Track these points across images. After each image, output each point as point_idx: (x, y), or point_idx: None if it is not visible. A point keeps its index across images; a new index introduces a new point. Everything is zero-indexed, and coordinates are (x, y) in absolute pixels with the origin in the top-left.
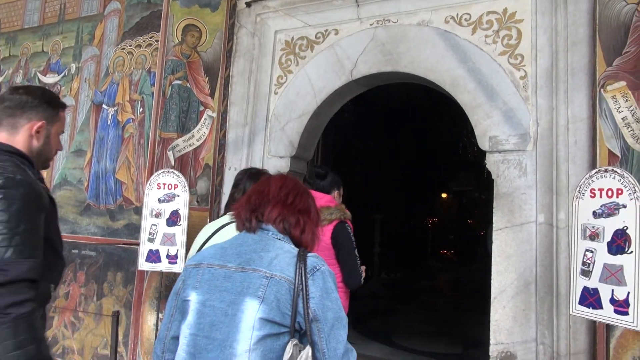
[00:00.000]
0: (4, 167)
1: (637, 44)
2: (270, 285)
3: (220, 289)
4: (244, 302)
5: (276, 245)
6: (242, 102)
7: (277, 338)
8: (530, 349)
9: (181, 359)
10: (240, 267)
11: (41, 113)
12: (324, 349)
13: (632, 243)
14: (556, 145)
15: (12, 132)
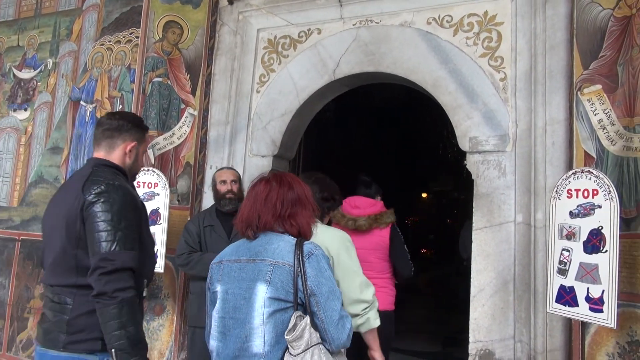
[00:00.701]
0: (105, 176)
1: (612, 48)
2: (274, 271)
3: (237, 278)
4: (256, 287)
5: (278, 238)
6: (223, 101)
7: (284, 312)
8: (508, 347)
9: (215, 338)
10: (251, 260)
11: (133, 135)
12: (322, 316)
13: (607, 242)
14: (534, 146)
15: (110, 151)
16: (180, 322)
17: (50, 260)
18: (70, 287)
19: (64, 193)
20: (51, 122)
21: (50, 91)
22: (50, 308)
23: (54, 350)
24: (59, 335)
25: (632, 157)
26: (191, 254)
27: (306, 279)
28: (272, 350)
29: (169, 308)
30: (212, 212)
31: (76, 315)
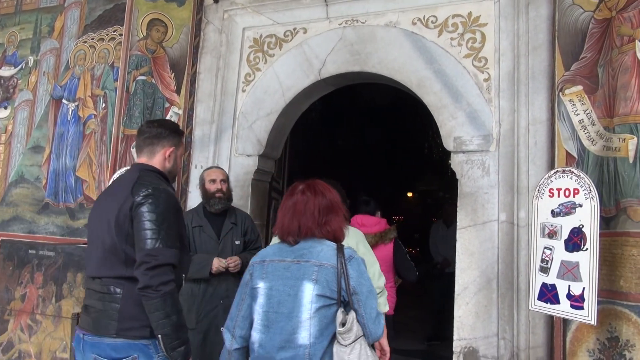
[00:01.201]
0: (150, 180)
1: (593, 50)
2: (320, 271)
3: (281, 277)
4: (302, 285)
5: (319, 242)
6: (209, 100)
7: (328, 308)
8: (491, 344)
9: (258, 331)
10: (295, 260)
11: (171, 141)
12: (362, 313)
13: (587, 241)
14: (517, 146)
15: (151, 156)
16: None
17: (99, 255)
18: (120, 278)
19: (112, 195)
20: (32, 120)
21: (31, 89)
22: (99, 298)
23: (107, 337)
24: (110, 323)
25: (611, 157)
26: None
27: (349, 280)
28: (316, 342)
29: None
30: (200, 212)
31: (126, 304)
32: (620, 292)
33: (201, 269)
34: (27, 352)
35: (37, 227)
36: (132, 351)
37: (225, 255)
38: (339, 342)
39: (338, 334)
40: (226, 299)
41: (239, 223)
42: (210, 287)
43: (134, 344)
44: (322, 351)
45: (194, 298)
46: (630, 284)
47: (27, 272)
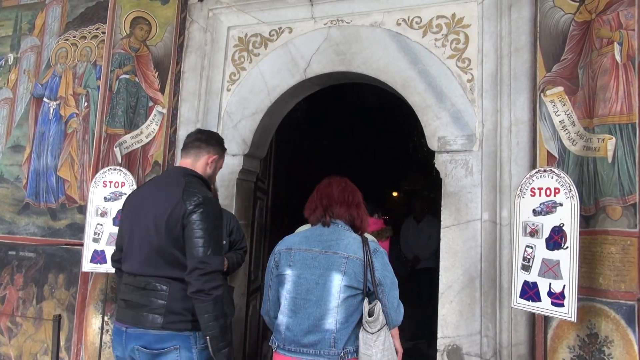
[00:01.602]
0: (199, 189)
1: (573, 51)
2: (348, 263)
3: (310, 266)
4: (331, 275)
5: (346, 234)
6: (193, 99)
7: (354, 297)
8: (475, 342)
9: (285, 315)
10: (323, 251)
11: (216, 149)
12: (386, 302)
13: (568, 239)
14: (500, 146)
15: (195, 160)
16: None
17: (143, 255)
18: (166, 277)
19: (159, 197)
20: (12, 119)
21: (11, 87)
22: (143, 294)
23: (153, 330)
24: (157, 317)
25: (591, 157)
26: None
27: (374, 272)
28: (341, 328)
29: None
30: None
31: (172, 300)
32: (600, 289)
33: None
34: (7, 355)
35: (17, 227)
36: (175, 341)
37: None
38: (366, 329)
39: (365, 323)
40: None
41: (224, 223)
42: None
43: (177, 335)
44: (347, 336)
45: None
46: (609, 281)
47: (7, 274)
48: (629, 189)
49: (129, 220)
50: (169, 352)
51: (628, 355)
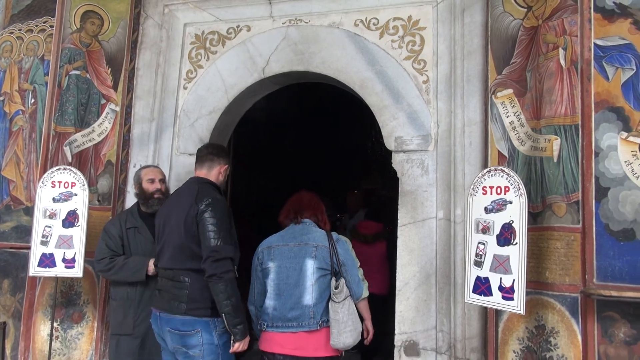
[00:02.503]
0: (209, 192)
1: (522, 55)
2: (317, 250)
3: (287, 256)
4: (305, 261)
5: (313, 229)
6: (148, 96)
7: (325, 277)
8: (430, 337)
9: (271, 298)
10: (297, 244)
11: (225, 160)
12: (348, 279)
13: (517, 235)
14: (454, 146)
15: (209, 170)
16: (102, 329)
17: (170, 252)
18: (187, 270)
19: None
20: None
21: None
22: (172, 286)
23: (178, 315)
24: (180, 305)
25: (538, 157)
26: (114, 259)
27: (338, 255)
28: (317, 302)
29: (89, 315)
30: (135, 213)
31: (193, 290)
32: (546, 283)
33: (136, 271)
34: None
35: None
36: (197, 325)
37: None
38: (333, 300)
39: (332, 294)
40: None
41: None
42: (148, 290)
43: (198, 320)
44: (322, 309)
45: (130, 302)
46: (555, 275)
47: None
48: (573, 187)
49: (158, 225)
50: (192, 334)
51: (572, 344)
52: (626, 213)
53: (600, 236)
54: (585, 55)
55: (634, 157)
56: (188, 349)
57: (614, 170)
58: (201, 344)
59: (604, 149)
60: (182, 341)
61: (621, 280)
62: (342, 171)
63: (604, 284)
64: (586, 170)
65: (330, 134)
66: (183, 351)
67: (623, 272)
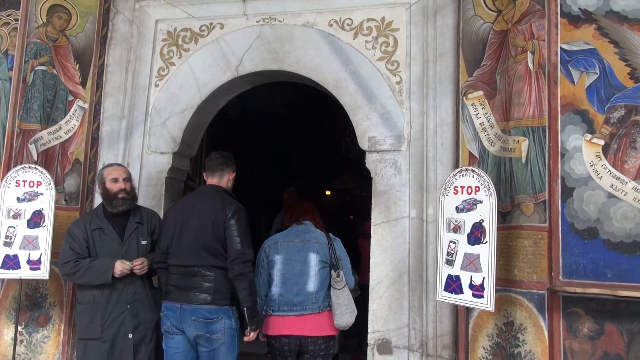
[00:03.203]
0: (232, 201)
1: (492, 58)
2: (319, 246)
3: (293, 250)
4: (308, 254)
5: (313, 229)
6: (118, 94)
7: (324, 269)
8: (403, 334)
9: (277, 286)
10: (300, 240)
11: (232, 167)
12: (343, 270)
13: (487, 234)
14: (426, 146)
15: (220, 178)
16: (68, 333)
17: (193, 250)
18: (211, 266)
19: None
20: None
21: None
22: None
23: (204, 305)
24: (207, 296)
25: (507, 157)
26: (78, 262)
27: (335, 251)
28: (319, 290)
29: (55, 318)
30: (100, 214)
31: (217, 283)
32: (515, 280)
33: (102, 273)
34: None
35: None
36: (220, 313)
37: (131, 257)
38: (335, 287)
39: (334, 282)
40: (133, 304)
41: (145, 222)
42: (115, 292)
43: (221, 309)
44: (323, 295)
45: (97, 305)
46: (523, 272)
47: None
48: (540, 187)
49: (173, 228)
50: (217, 321)
51: (539, 340)
52: (590, 212)
53: (566, 235)
54: (552, 59)
55: (598, 158)
56: (212, 334)
57: (579, 170)
58: (223, 328)
59: (570, 150)
60: (207, 328)
61: (585, 277)
62: (316, 170)
63: (569, 281)
64: (553, 171)
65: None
66: (206, 337)
67: (587, 269)
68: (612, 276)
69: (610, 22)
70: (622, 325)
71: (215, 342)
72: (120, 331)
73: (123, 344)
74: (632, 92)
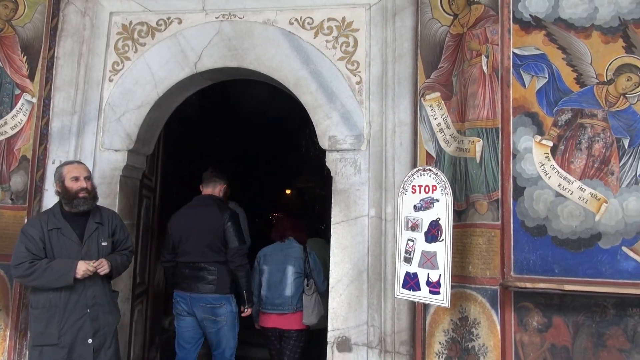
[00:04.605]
0: (226, 206)
1: (449, 61)
2: (296, 260)
3: (277, 262)
4: (287, 267)
5: (294, 245)
6: (69, 88)
7: (299, 278)
8: (362, 332)
9: (265, 290)
10: (283, 255)
11: (224, 180)
12: (315, 279)
13: (443, 232)
14: (385, 146)
15: (214, 189)
16: (15, 339)
17: (200, 249)
18: (214, 262)
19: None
20: None
21: None
22: (202, 274)
23: (210, 294)
24: (211, 286)
25: (462, 157)
26: (34, 262)
27: (309, 263)
28: (294, 295)
29: (0, 323)
30: (57, 213)
31: (219, 275)
32: (469, 276)
33: (63, 275)
34: None
35: None
36: (222, 300)
37: (91, 258)
38: (305, 293)
39: (305, 289)
40: (93, 308)
41: (106, 222)
42: (74, 294)
43: (223, 297)
44: (297, 299)
45: (54, 309)
46: (477, 269)
47: None
48: (493, 186)
49: (179, 233)
50: (220, 306)
51: (492, 334)
52: (539, 210)
53: (517, 232)
54: (505, 63)
55: (546, 158)
56: (216, 317)
57: (529, 170)
58: (226, 312)
59: (521, 151)
60: (212, 312)
61: (535, 273)
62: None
63: (520, 277)
64: (505, 171)
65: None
66: (212, 319)
67: (536, 265)
68: (559, 271)
69: (558, 29)
70: (569, 318)
71: (219, 323)
72: (79, 336)
73: (82, 349)
74: (577, 96)
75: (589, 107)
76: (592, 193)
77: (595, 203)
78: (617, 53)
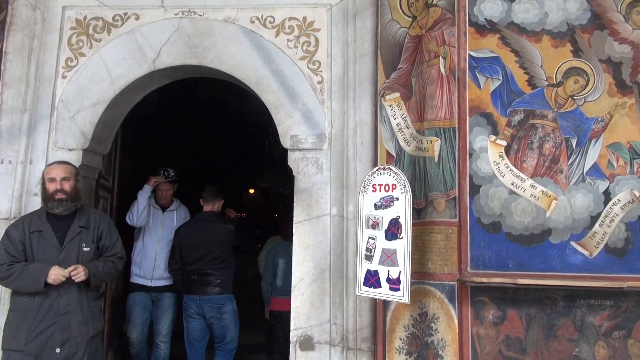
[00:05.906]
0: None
1: (408, 62)
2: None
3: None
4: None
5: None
6: (19, 84)
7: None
8: (325, 330)
9: (279, 279)
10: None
11: (221, 197)
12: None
13: (403, 230)
14: (347, 145)
15: (213, 206)
16: None
17: (208, 258)
18: (220, 268)
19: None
20: None
21: None
22: (209, 279)
23: (217, 295)
24: (218, 289)
25: (421, 157)
26: (12, 265)
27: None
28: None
29: None
30: (42, 215)
31: (224, 279)
32: (428, 273)
33: (34, 279)
34: None
35: None
36: (226, 299)
37: (69, 263)
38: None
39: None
40: (65, 316)
41: (92, 226)
42: (47, 300)
43: (227, 297)
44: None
45: (25, 314)
46: (435, 265)
47: None
48: (451, 185)
49: (188, 246)
50: (225, 305)
51: (450, 328)
52: (494, 208)
53: (473, 229)
54: (461, 65)
55: (501, 157)
56: (221, 314)
57: (485, 169)
58: (229, 310)
59: (477, 150)
60: (218, 310)
61: (490, 268)
62: (239, 168)
63: (476, 272)
64: (462, 169)
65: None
66: (218, 317)
67: (492, 260)
68: (512, 266)
69: (511, 33)
70: (522, 311)
71: (224, 320)
72: (47, 345)
73: (48, 358)
74: (529, 97)
75: (540, 108)
76: (543, 191)
77: (546, 200)
78: (565, 57)
